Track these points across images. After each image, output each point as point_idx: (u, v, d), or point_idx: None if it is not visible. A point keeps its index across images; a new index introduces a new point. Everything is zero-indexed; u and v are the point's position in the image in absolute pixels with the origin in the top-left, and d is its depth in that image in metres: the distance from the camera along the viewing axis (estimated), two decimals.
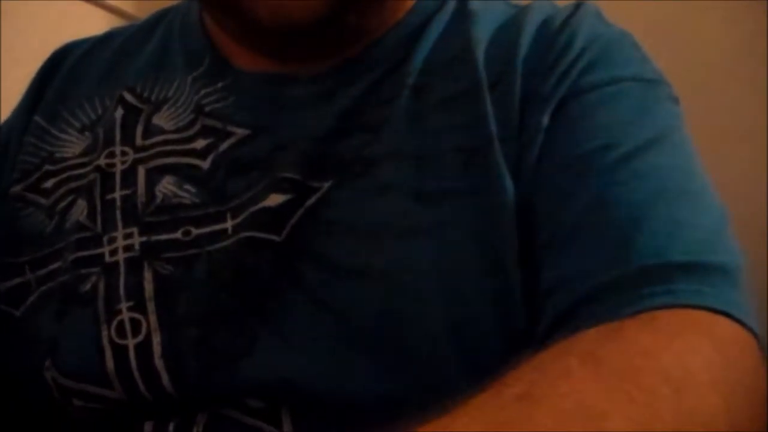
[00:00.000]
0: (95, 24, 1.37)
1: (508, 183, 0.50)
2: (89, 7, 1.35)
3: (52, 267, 0.56)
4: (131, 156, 0.57)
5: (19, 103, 0.66)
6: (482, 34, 0.57)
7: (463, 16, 0.59)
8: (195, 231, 0.53)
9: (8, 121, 0.66)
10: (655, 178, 0.47)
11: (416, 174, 0.52)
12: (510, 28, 0.57)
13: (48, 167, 0.60)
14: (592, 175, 0.47)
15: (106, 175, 0.57)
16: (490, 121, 0.52)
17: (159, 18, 0.67)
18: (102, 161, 0.57)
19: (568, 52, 0.54)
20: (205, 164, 0.55)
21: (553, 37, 0.56)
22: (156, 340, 0.50)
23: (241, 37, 0.59)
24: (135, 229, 0.54)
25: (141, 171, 0.56)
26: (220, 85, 0.59)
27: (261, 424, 0.49)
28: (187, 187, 0.55)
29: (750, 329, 0.40)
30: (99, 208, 0.56)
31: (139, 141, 0.58)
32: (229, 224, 0.53)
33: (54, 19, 1.22)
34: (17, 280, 0.57)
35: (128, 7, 1.45)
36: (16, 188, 0.60)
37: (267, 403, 0.49)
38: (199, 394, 0.50)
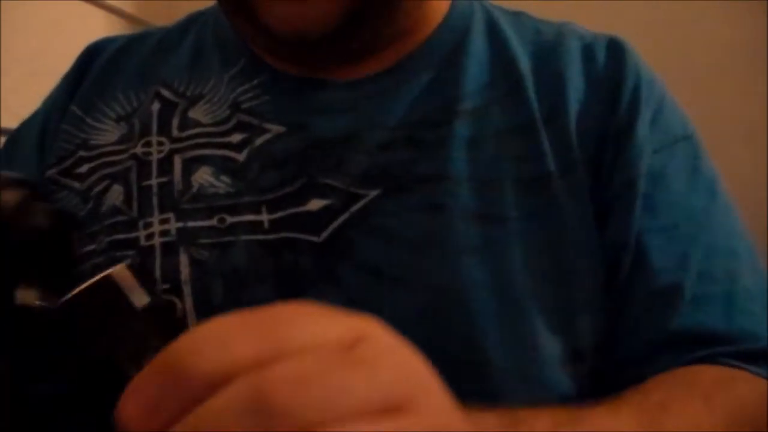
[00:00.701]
0: (95, 24, 1.37)
1: (570, 213, 0.54)
2: (89, 7, 1.35)
3: (86, 249, 0.57)
4: (167, 146, 0.59)
5: (55, 93, 0.68)
6: (525, 65, 0.59)
7: (497, 38, 0.61)
8: (230, 219, 0.54)
9: (45, 110, 0.68)
10: (729, 253, 0.57)
11: (472, 196, 0.54)
12: (551, 57, 0.59)
13: (82, 153, 0.62)
14: (687, 247, 0.55)
15: (142, 162, 0.58)
16: (547, 156, 0.55)
17: (192, 19, 0.69)
18: (138, 150, 0.59)
19: (639, 100, 0.58)
20: (241, 157, 0.57)
21: (610, 75, 0.58)
22: (191, 322, 0.51)
23: (263, 45, 0.60)
24: (171, 215, 0.55)
25: (177, 160, 0.58)
26: (255, 82, 0.60)
27: None
28: (223, 177, 0.56)
29: None
30: (135, 193, 0.57)
31: (175, 132, 0.59)
32: (264, 217, 0.54)
33: (54, 19, 1.22)
34: None
35: (128, 7, 1.45)
36: (51, 172, 0.62)
37: None
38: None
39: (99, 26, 1.38)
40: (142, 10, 1.49)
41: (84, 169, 0.60)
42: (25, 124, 0.68)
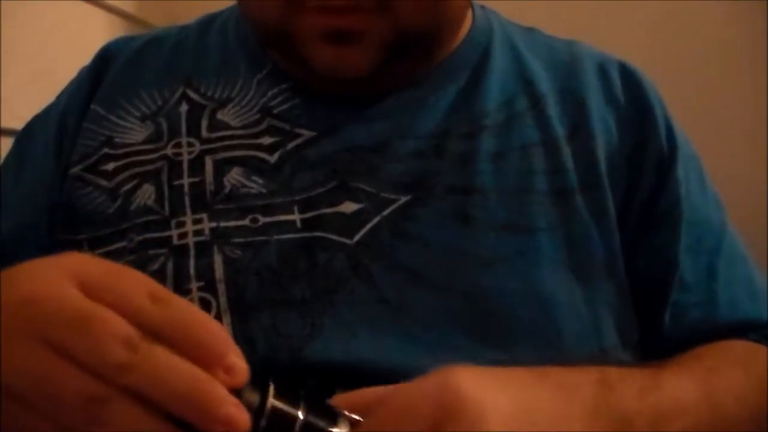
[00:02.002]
0: (95, 24, 1.37)
1: (590, 227, 0.57)
2: (89, 7, 1.34)
3: (114, 247, 0.57)
4: (198, 147, 0.60)
5: (71, 92, 0.68)
6: (544, 83, 0.62)
7: (515, 55, 0.63)
8: (263, 219, 0.56)
9: (60, 109, 0.67)
10: (741, 258, 0.64)
11: (501, 208, 0.56)
12: (569, 77, 0.62)
13: (107, 150, 0.62)
14: (712, 259, 0.62)
15: (173, 163, 0.59)
16: (569, 172, 0.58)
17: (209, 20, 0.70)
18: (169, 151, 0.60)
19: (672, 126, 0.62)
20: (272, 159, 0.58)
21: (631, 98, 0.62)
22: (226, 320, 0.52)
23: (300, 75, 0.61)
24: (204, 215, 0.56)
25: (208, 161, 0.59)
26: (284, 86, 0.61)
27: None
28: (255, 178, 0.57)
29: None
30: (167, 193, 0.58)
31: (204, 133, 0.60)
32: (296, 216, 0.55)
33: (54, 19, 1.22)
34: None
35: (128, 7, 1.45)
36: (75, 169, 0.62)
37: (326, 385, 0.51)
38: (263, 373, 0.52)
39: (99, 26, 1.38)
40: (142, 10, 1.48)
41: (110, 167, 0.61)
42: (38, 123, 0.68)
